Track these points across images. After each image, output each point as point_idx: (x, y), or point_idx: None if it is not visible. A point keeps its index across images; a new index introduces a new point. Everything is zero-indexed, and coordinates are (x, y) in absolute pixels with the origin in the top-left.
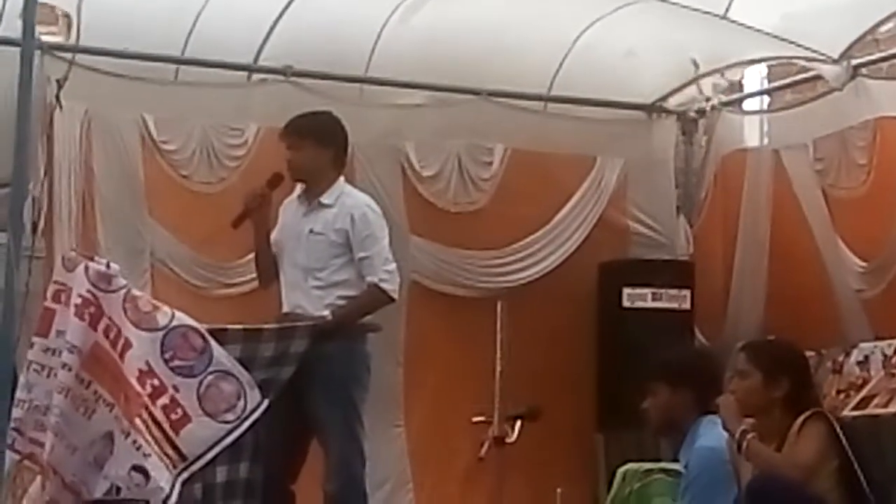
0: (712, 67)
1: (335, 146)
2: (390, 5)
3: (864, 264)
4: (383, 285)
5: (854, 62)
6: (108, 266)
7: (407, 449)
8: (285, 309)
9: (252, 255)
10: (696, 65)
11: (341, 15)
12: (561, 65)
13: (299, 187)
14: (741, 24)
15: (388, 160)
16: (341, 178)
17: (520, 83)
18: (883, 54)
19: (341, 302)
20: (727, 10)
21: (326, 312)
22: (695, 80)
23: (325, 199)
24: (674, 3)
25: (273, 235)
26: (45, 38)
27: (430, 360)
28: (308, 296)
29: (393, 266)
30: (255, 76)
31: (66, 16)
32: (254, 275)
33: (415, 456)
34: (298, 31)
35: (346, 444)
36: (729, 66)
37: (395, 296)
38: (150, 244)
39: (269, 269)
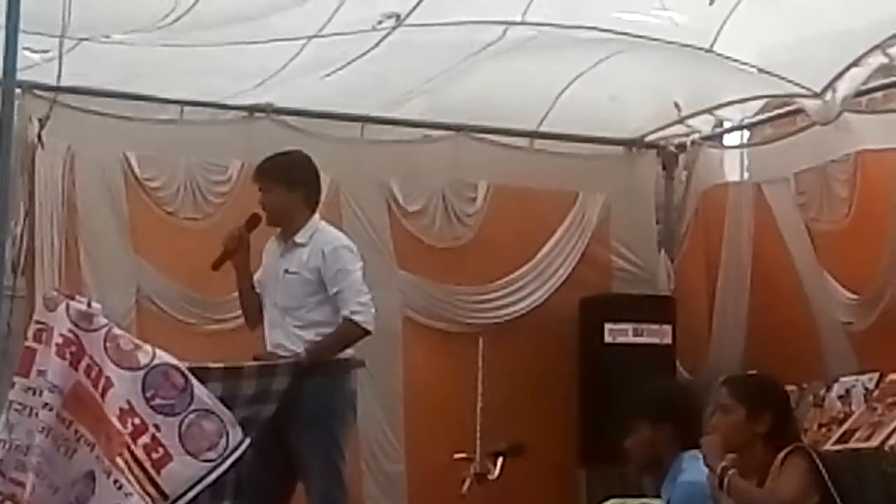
0: (695, 109)
1: (304, 186)
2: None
3: (854, 297)
4: (355, 318)
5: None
6: (89, 305)
7: (407, 488)
8: (269, 348)
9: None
10: (678, 108)
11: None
12: (548, 112)
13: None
14: (724, 58)
15: (373, 196)
16: (316, 216)
17: (506, 124)
18: (863, 88)
19: (319, 339)
20: (713, 44)
21: (300, 350)
22: (677, 123)
23: (298, 239)
24: (657, 41)
25: (256, 276)
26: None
27: (424, 396)
28: (288, 334)
29: (366, 298)
30: (239, 113)
31: None
32: (241, 311)
33: (410, 495)
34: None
35: (328, 481)
36: (711, 109)
37: (370, 328)
38: (136, 281)
39: (254, 309)
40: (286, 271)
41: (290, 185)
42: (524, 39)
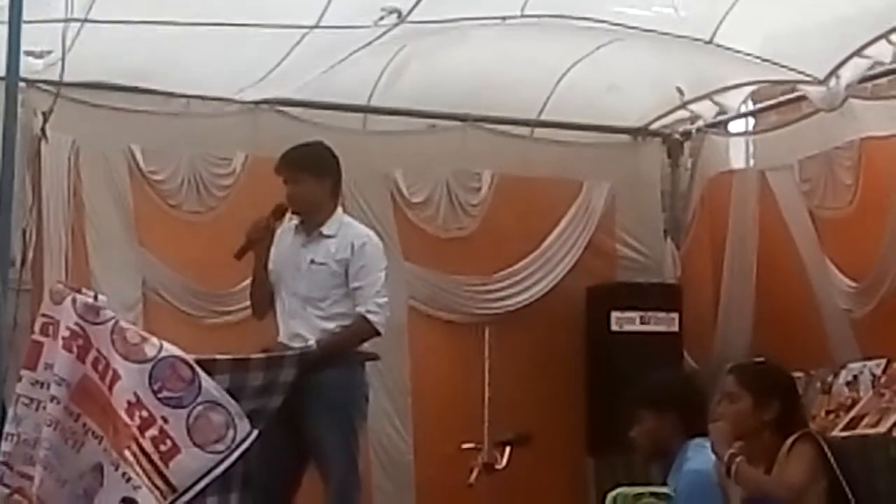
0: (698, 94)
1: (331, 176)
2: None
3: (853, 284)
4: (370, 316)
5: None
6: (95, 298)
7: (415, 479)
8: (282, 338)
9: (244, 284)
10: (681, 93)
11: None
12: (548, 99)
13: (294, 217)
14: (727, 48)
15: (377, 187)
16: (339, 209)
17: (509, 113)
18: (867, 74)
19: (339, 331)
20: (713, 35)
21: (311, 343)
22: (680, 108)
23: (325, 230)
24: (661, 33)
25: (269, 265)
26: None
27: (431, 387)
28: (309, 325)
29: (384, 300)
30: (243, 106)
31: None
32: (247, 303)
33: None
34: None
35: (344, 471)
36: (714, 92)
37: (381, 329)
38: (142, 274)
39: (264, 300)
40: (312, 261)
41: (319, 175)
42: (523, 24)
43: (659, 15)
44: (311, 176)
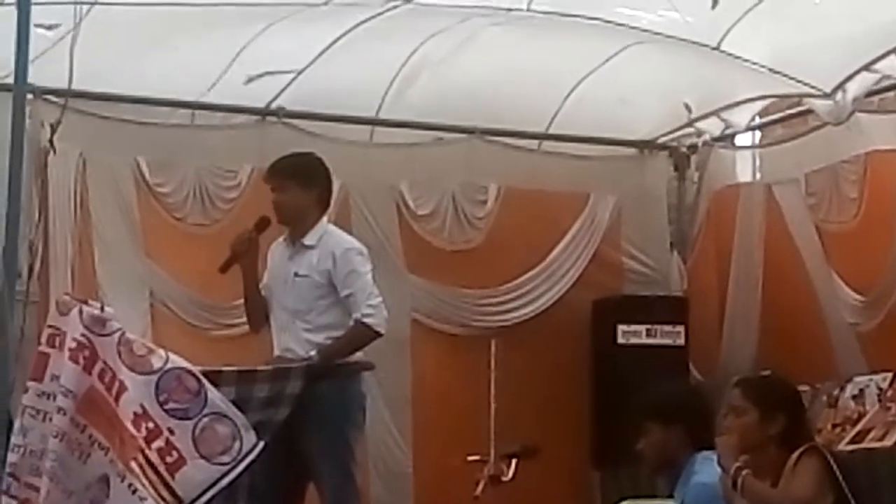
0: (705, 111)
1: (319, 187)
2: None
3: (859, 297)
4: (367, 320)
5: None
6: (102, 309)
7: (413, 492)
8: (277, 352)
9: None
10: (688, 109)
11: (349, 75)
12: (557, 112)
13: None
14: (733, 57)
15: (383, 200)
16: (325, 219)
17: (516, 126)
18: (874, 88)
19: (329, 342)
20: (719, 44)
21: (313, 353)
22: (688, 125)
23: (307, 241)
24: (664, 36)
25: (263, 279)
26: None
27: (434, 400)
28: (297, 338)
29: (377, 300)
30: (250, 117)
31: None
32: None
33: (416, 497)
34: (311, 87)
35: (341, 483)
36: (722, 109)
37: (381, 330)
38: (149, 285)
39: (259, 313)
40: (296, 274)
41: (305, 184)
42: (531, 27)
43: (665, 19)
44: (298, 185)
